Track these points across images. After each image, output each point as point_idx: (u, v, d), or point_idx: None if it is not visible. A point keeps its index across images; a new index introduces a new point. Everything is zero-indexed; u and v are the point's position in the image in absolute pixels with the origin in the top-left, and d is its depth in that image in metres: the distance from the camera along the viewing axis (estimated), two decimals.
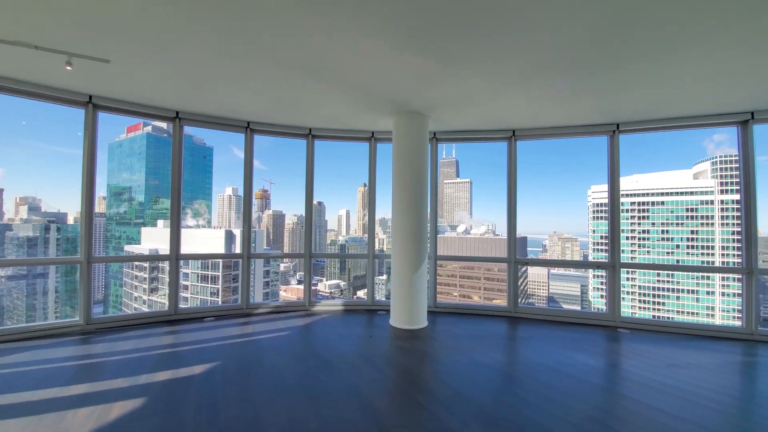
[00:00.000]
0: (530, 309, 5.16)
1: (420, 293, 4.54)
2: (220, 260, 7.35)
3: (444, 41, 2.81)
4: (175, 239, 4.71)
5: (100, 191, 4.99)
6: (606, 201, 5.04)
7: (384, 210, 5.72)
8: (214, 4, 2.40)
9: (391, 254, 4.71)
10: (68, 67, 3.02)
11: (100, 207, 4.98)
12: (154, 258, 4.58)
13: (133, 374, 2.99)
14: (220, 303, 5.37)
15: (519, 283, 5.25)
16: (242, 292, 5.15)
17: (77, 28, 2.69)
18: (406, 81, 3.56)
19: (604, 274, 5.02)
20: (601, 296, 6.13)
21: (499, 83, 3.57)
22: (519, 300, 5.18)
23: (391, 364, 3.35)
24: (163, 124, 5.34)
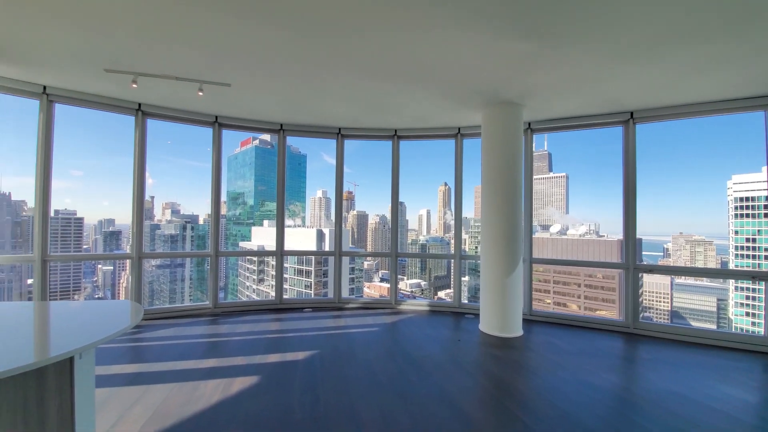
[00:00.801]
0: (656, 326, 4.33)
1: (514, 299, 4.21)
2: (313, 256, 8.02)
3: (550, 20, 2.53)
4: (280, 237, 5.28)
5: (221, 197, 5.88)
6: (757, 194, 3.93)
7: (465, 209, 5.49)
8: (318, 23, 2.58)
9: (481, 255, 4.47)
10: (200, 93, 3.62)
11: (222, 210, 5.89)
12: (264, 253, 5.27)
13: (250, 354, 3.43)
14: (312, 296, 5.83)
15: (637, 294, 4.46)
16: (334, 287, 5.50)
17: (205, 59, 3.19)
18: (501, 69, 3.32)
19: (757, 286, 3.94)
20: (747, 314, 4.90)
21: (615, 58, 3.07)
22: (637, 314, 4.39)
23: (484, 372, 3.17)
24: (267, 137, 6.06)
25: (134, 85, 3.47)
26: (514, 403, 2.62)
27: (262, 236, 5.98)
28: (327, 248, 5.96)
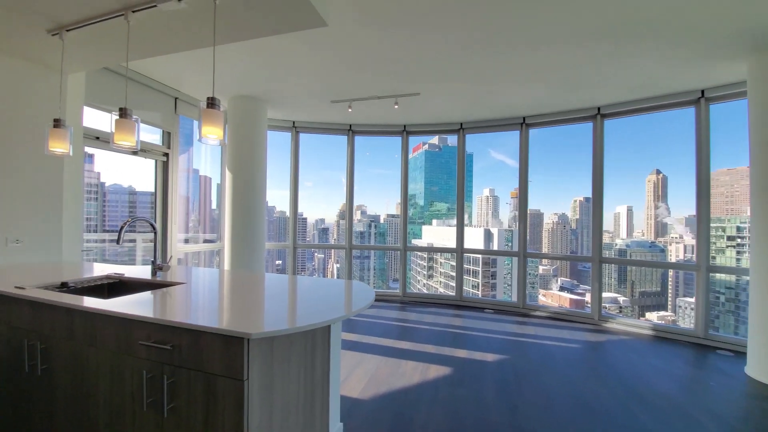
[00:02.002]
0: None
1: None
2: (480, 256, 7.77)
3: None
4: (460, 235, 5.37)
5: (398, 198, 6.53)
6: None
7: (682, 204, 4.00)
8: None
9: (750, 270, 3.09)
10: (396, 106, 4.12)
11: (397, 210, 6.56)
12: (444, 250, 5.56)
13: (439, 344, 3.61)
14: (480, 296, 5.61)
15: None
16: (518, 291, 5.11)
17: (399, 76, 3.57)
18: None
19: None
20: None
21: None
22: None
23: None
24: (435, 140, 6.32)
25: (350, 110, 4.30)
26: None
27: (432, 234, 6.28)
28: (496, 248, 5.63)
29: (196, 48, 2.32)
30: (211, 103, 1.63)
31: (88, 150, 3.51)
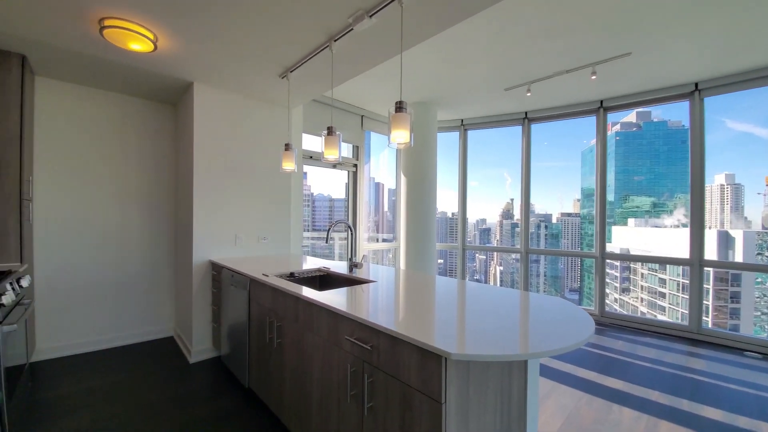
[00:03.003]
0: None
1: None
2: (711, 269, 5.29)
3: None
4: (697, 242, 3.83)
5: (575, 194, 5.26)
6: None
7: None
8: None
9: None
10: (593, 77, 3.30)
11: (574, 208, 5.31)
12: (673, 262, 4.05)
13: (671, 393, 2.61)
14: (709, 325, 3.76)
15: None
16: None
17: (602, 35, 2.80)
18: None
19: None
20: None
21: None
22: None
23: None
24: (632, 117, 4.74)
25: (528, 94, 3.77)
26: None
27: (626, 237, 4.72)
28: (740, 258, 3.66)
29: (385, 60, 2.47)
30: (399, 107, 1.63)
31: (304, 168, 4.45)
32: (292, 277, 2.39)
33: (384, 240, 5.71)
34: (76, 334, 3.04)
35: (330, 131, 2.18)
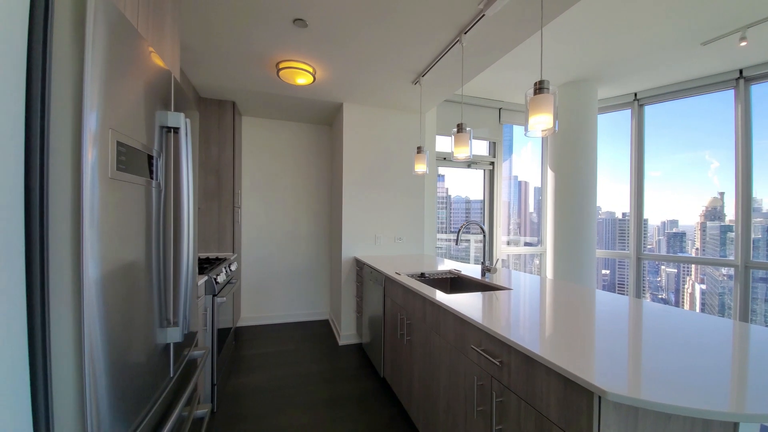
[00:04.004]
0: None
1: None
2: None
3: None
4: None
5: None
6: None
7: None
8: None
9: None
10: (743, 43, 2.13)
11: None
12: None
13: None
14: None
15: None
16: None
17: None
18: None
19: None
20: None
21: None
22: None
23: None
24: None
25: (743, 44, 2.66)
26: None
27: None
28: None
29: (523, 40, 2.21)
30: (539, 87, 1.40)
31: (441, 171, 4.47)
32: (422, 277, 2.41)
33: (527, 244, 5.12)
34: (266, 309, 3.96)
35: (459, 128, 2.10)
